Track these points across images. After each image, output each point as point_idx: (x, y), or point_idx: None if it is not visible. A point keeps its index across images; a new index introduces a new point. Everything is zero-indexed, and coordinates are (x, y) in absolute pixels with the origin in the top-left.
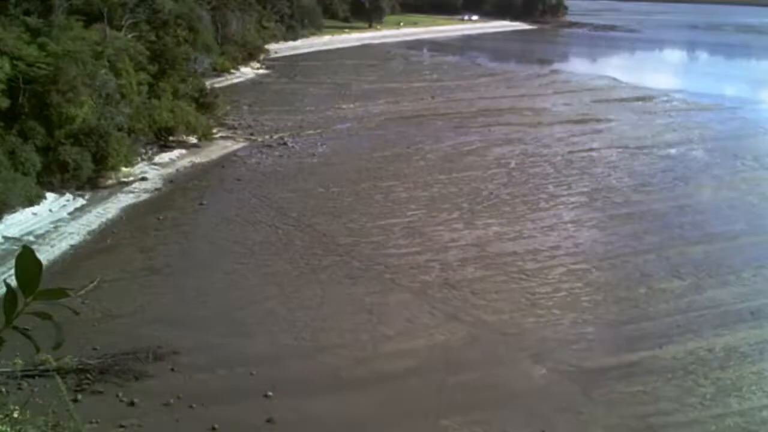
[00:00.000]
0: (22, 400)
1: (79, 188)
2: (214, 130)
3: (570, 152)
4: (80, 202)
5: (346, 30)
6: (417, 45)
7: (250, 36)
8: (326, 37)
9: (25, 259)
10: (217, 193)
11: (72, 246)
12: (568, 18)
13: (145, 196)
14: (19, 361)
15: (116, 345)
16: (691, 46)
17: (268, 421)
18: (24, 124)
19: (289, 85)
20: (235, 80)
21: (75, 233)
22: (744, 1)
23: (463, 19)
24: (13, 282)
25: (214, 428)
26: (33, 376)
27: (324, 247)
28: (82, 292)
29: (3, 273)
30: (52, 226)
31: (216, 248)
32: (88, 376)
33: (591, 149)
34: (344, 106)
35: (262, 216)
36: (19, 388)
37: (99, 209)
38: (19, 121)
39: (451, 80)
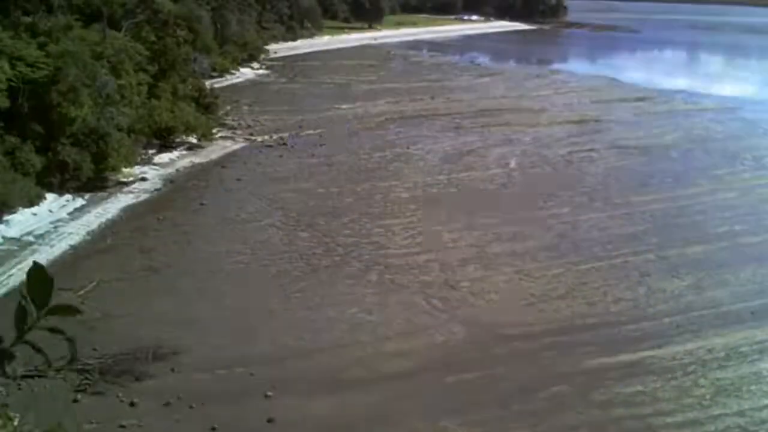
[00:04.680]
0: (22, 400)
1: (78, 189)
2: (214, 131)
3: (569, 152)
4: (80, 202)
5: (346, 30)
6: (417, 45)
7: (249, 36)
8: (326, 38)
9: (37, 274)
10: (217, 193)
11: (72, 246)
12: (568, 18)
13: (144, 197)
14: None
15: (116, 345)
16: (690, 47)
17: (269, 421)
18: (24, 125)
19: (288, 86)
20: (235, 80)
21: (75, 233)
22: (743, 2)
23: (462, 20)
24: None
25: (214, 428)
26: (33, 377)
27: (324, 247)
28: (82, 292)
29: (3, 273)
30: (51, 226)
31: (216, 248)
32: (88, 376)
33: (590, 149)
34: (344, 107)
35: (262, 216)
36: (19, 389)
37: (99, 209)
38: (19, 122)
39: (450, 80)
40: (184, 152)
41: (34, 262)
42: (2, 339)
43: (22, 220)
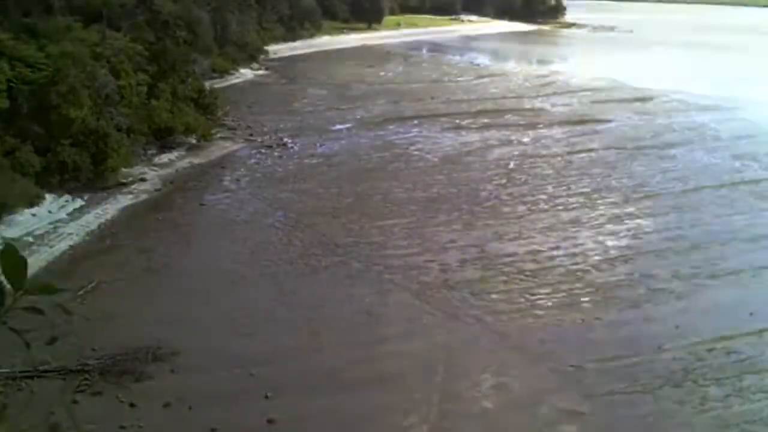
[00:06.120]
0: (22, 401)
1: (78, 189)
2: (214, 131)
3: (569, 153)
4: (79, 202)
5: (346, 31)
6: (416, 46)
7: (249, 37)
8: (326, 38)
9: (9, 255)
10: (217, 193)
11: (71, 246)
12: (567, 19)
13: (144, 197)
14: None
15: (116, 345)
16: (690, 47)
17: (269, 421)
18: (23, 125)
19: (288, 86)
20: (235, 81)
21: (74, 234)
22: (744, 2)
23: (462, 20)
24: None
25: (214, 429)
26: (33, 377)
27: (323, 247)
28: (82, 292)
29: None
30: (51, 226)
31: (215, 249)
32: (88, 377)
33: (590, 150)
34: (343, 107)
35: (261, 216)
36: (19, 389)
37: (98, 210)
38: (19, 122)
39: (450, 81)
40: (184, 153)
41: (6, 243)
42: None
43: (22, 221)
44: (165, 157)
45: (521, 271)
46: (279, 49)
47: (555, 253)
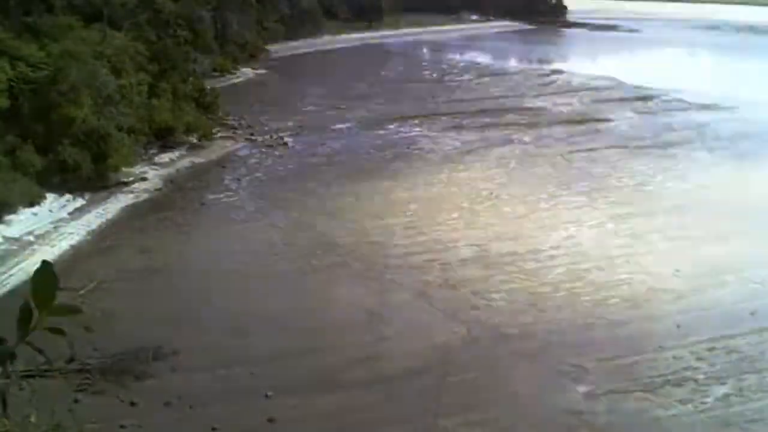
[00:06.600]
0: (22, 400)
1: (79, 188)
2: (214, 130)
3: (570, 152)
4: (80, 202)
5: (346, 30)
6: (417, 45)
7: (250, 36)
8: (326, 37)
9: (43, 273)
10: (217, 192)
11: (72, 246)
12: (568, 18)
13: (145, 196)
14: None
15: (116, 345)
16: (691, 46)
17: (269, 421)
18: (24, 125)
19: (289, 85)
20: (236, 80)
21: (75, 233)
22: (744, 1)
23: (462, 19)
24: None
25: (214, 429)
26: (34, 377)
27: (324, 247)
28: (83, 292)
29: (2, 273)
30: (52, 226)
31: (216, 248)
32: (89, 376)
33: (591, 149)
34: (344, 106)
35: (262, 216)
36: (20, 389)
37: (99, 209)
38: (19, 122)
39: (451, 80)
40: (185, 152)
41: (44, 261)
42: (5, 340)
43: (23, 220)
44: (166, 157)
45: (522, 270)
46: (280, 49)
47: (556, 252)
